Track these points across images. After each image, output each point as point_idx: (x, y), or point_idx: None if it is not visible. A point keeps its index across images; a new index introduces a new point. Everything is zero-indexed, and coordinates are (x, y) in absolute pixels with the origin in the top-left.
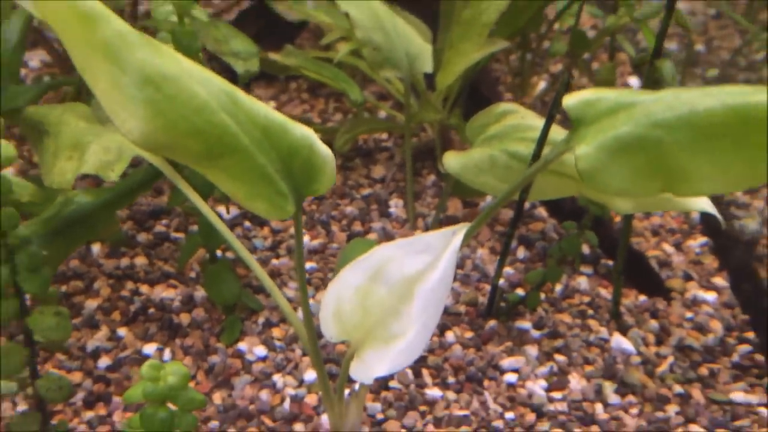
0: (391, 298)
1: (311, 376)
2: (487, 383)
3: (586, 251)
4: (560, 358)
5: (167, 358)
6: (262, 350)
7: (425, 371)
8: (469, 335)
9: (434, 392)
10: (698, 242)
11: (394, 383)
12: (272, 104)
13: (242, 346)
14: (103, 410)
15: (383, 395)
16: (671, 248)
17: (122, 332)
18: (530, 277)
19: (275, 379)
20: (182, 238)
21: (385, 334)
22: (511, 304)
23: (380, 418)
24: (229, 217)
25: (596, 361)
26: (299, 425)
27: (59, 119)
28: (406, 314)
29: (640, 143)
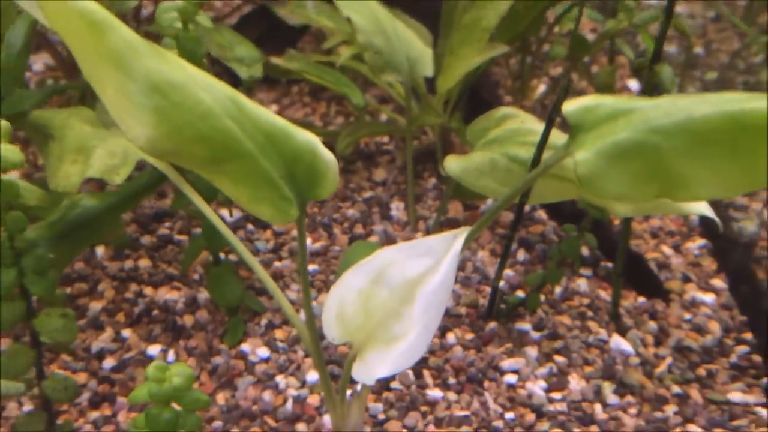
0: (392, 300)
1: (313, 377)
2: (487, 384)
3: (585, 253)
4: (560, 359)
5: (171, 359)
6: (264, 351)
7: (426, 372)
8: (469, 337)
9: (435, 393)
10: (697, 244)
11: (395, 384)
12: (274, 108)
13: (245, 347)
14: (108, 410)
15: (385, 396)
16: (670, 250)
17: (126, 334)
18: (530, 279)
19: (278, 380)
20: (186, 240)
21: (386, 335)
22: (511, 305)
23: (382, 418)
24: (232, 220)
25: (595, 362)
26: (302, 425)
27: (64, 123)
28: (407, 316)
29: (638, 149)
